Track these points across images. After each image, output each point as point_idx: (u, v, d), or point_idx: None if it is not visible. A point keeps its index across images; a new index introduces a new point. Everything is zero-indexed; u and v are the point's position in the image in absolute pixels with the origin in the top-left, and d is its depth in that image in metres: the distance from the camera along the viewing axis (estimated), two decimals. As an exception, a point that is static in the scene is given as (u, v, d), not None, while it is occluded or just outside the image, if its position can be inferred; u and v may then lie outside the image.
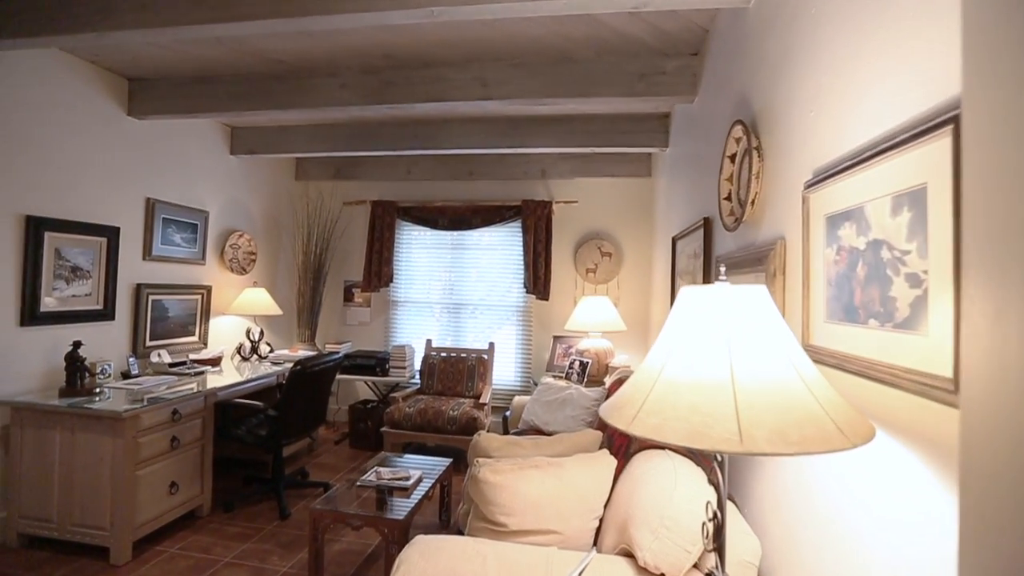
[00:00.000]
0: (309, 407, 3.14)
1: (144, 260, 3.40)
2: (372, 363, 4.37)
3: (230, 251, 4.14)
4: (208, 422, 2.97)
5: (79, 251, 2.97)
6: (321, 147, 4.02)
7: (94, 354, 3.05)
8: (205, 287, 3.91)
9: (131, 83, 3.25)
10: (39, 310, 2.77)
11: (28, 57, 2.69)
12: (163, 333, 3.55)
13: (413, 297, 5.00)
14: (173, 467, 2.73)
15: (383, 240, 4.82)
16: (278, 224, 4.83)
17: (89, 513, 2.50)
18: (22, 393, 2.69)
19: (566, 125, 3.74)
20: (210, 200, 3.97)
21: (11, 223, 2.65)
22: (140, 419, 2.52)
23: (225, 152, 4.12)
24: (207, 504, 2.99)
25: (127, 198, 3.27)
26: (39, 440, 2.56)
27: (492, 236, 4.86)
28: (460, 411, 3.79)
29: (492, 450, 1.64)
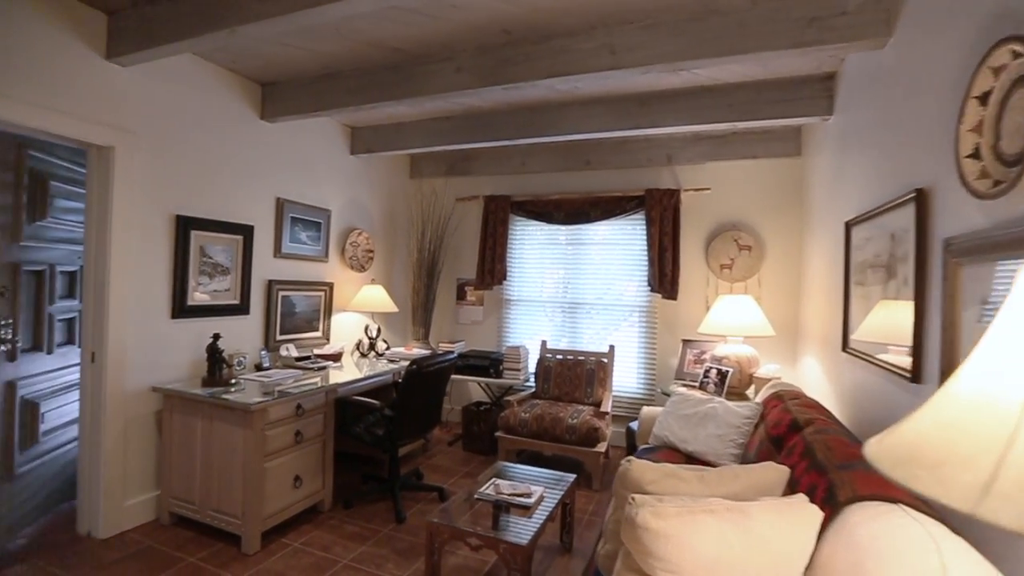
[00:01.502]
0: (424, 408, 3.02)
1: (274, 257, 3.54)
2: (485, 364, 4.21)
3: (350, 249, 4.23)
4: (329, 418, 2.97)
5: (220, 248, 3.13)
6: (435, 141, 3.95)
7: (231, 346, 3.21)
8: (328, 284, 4.01)
9: (264, 88, 3.39)
10: (187, 303, 2.95)
11: (175, 66, 2.87)
12: (291, 328, 3.68)
13: (526, 295, 4.79)
14: (297, 461, 2.75)
15: (496, 236, 4.66)
16: (394, 222, 4.88)
17: (224, 500, 2.58)
18: (172, 381, 2.87)
19: (702, 99, 3.26)
20: (332, 199, 4.08)
21: (165, 223, 2.83)
22: (268, 412, 2.55)
23: (346, 152, 4.21)
24: (328, 499, 2.99)
25: (260, 198, 3.42)
26: (185, 426, 2.71)
27: (611, 230, 4.48)
28: (580, 419, 3.47)
29: (647, 483, 1.31)
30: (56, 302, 2.79)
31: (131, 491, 2.73)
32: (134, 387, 2.71)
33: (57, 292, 2.80)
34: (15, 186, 2.46)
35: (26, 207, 2.53)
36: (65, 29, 2.38)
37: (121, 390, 2.65)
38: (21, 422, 2.59)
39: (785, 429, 1.95)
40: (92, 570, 2.34)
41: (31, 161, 2.55)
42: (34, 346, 2.66)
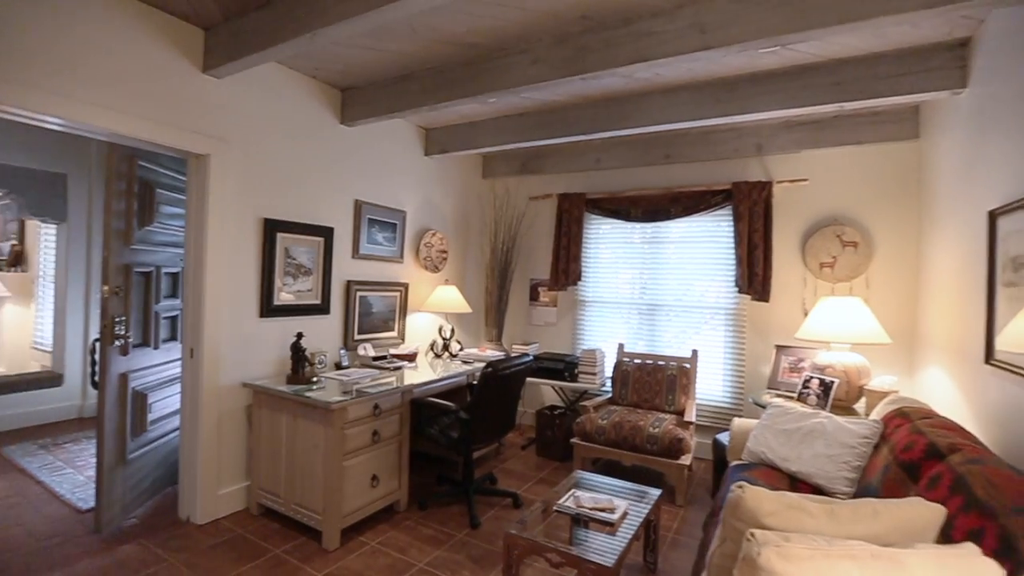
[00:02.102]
0: (499, 411, 2.94)
1: (353, 258, 3.62)
2: (559, 367, 4.08)
3: (424, 249, 4.26)
4: (405, 418, 2.97)
5: (303, 250, 3.24)
6: (508, 139, 3.87)
7: (313, 345, 3.32)
8: (403, 284, 4.06)
9: (343, 93, 3.48)
10: (273, 303, 3.07)
11: (263, 76, 2.99)
12: (368, 328, 3.75)
13: (602, 296, 4.60)
14: (374, 461, 2.77)
15: (570, 235, 4.52)
16: (467, 222, 4.88)
17: (307, 495, 2.64)
18: (260, 377, 3.00)
19: (802, 78, 2.93)
20: (407, 200, 4.12)
21: (254, 225, 2.96)
22: (347, 411, 2.58)
23: (420, 153, 4.25)
24: (404, 500, 2.99)
25: (339, 200, 3.51)
26: (272, 421, 2.81)
27: (693, 227, 4.19)
28: (662, 429, 3.25)
29: (764, 514, 1.13)
30: (161, 301, 3.00)
31: (224, 481, 2.87)
32: (227, 382, 2.85)
33: (162, 292, 3.01)
34: (127, 194, 2.66)
35: (136, 213, 2.74)
36: (169, 47, 2.54)
37: (216, 385, 2.79)
38: (132, 411, 2.80)
39: (921, 454, 1.66)
40: (191, 555, 2.47)
41: (140, 171, 2.75)
42: (143, 341, 2.87)
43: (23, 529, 2.70)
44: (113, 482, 2.66)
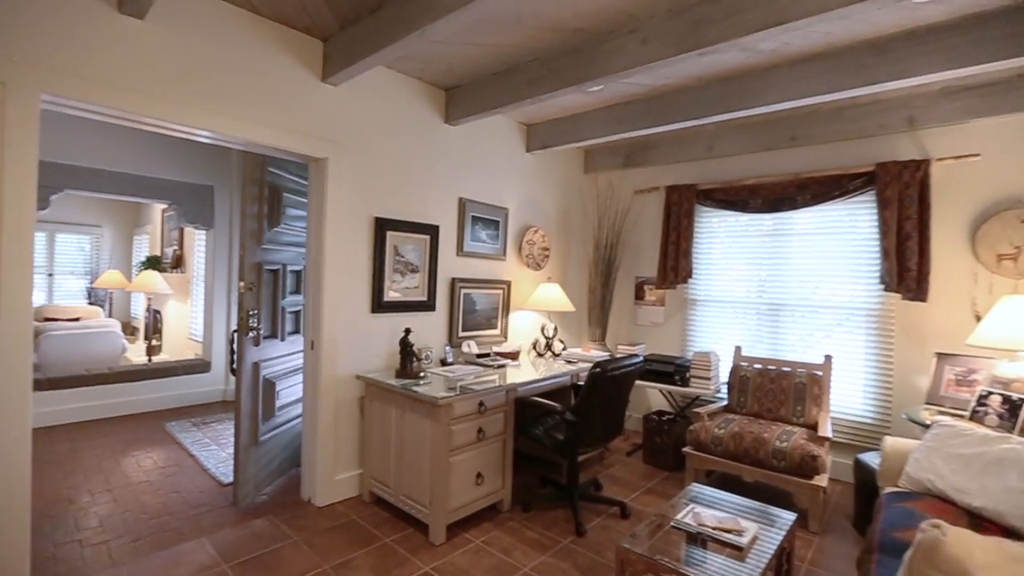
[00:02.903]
0: (607, 414, 2.79)
1: (457, 256, 3.67)
2: (669, 370, 3.81)
3: (526, 247, 4.21)
4: (509, 417, 2.92)
5: (411, 247, 3.33)
6: (613, 129, 3.69)
7: (419, 341, 3.40)
8: (506, 282, 4.04)
9: (448, 92, 3.53)
10: (383, 299, 3.19)
11: (374, 80, 3.11)
12: (472, 325, 3.78)
13: (715, 295, 4.24)
14: (479, 458, 2.75)
15: (680, 230, 4.22)
16: (569, 219, 4.76)
17: (414, 488, 2.69)
18: (371, 371, 3.12)
19: (972, 32, 2.43)
20: (509, 197, 4.10)
21: (366, 225, 3.09)
22: (453, 407, 2.58)
23: (521, 149, 4.21)
24: (507, 499, 2.95)
25: (444, 198, 3.56)
26: (382, 413, 2.90)
27: (824, 216, 3.70)
28: (791, 443, 2.88)
29: (977, 567, 0.88)
30: (287, 297, 3.24)
31: (340, 467, 3.03)
32: (343, 374, 3.00)
33: (288, 288, 3.25)
34: (259, 198, 2.90)
35: (266, 215, 2.98)
36: (293, 60, 2.72)
37: (333, 375, 2.95)
38: (263, 397, 3.05)
39: None
40: (311, 535, 2.62)
41: (270, 176, 2.99)
42: (271, 334, 3.12)
43: (179, 496, 3.05)
44: (247, 461, 2.92)
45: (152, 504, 2.94)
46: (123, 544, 2.50)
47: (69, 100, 2.07)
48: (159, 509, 2.88)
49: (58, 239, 8.17)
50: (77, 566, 2.32)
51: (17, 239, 1.95)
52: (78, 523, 2.70)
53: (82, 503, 2.94)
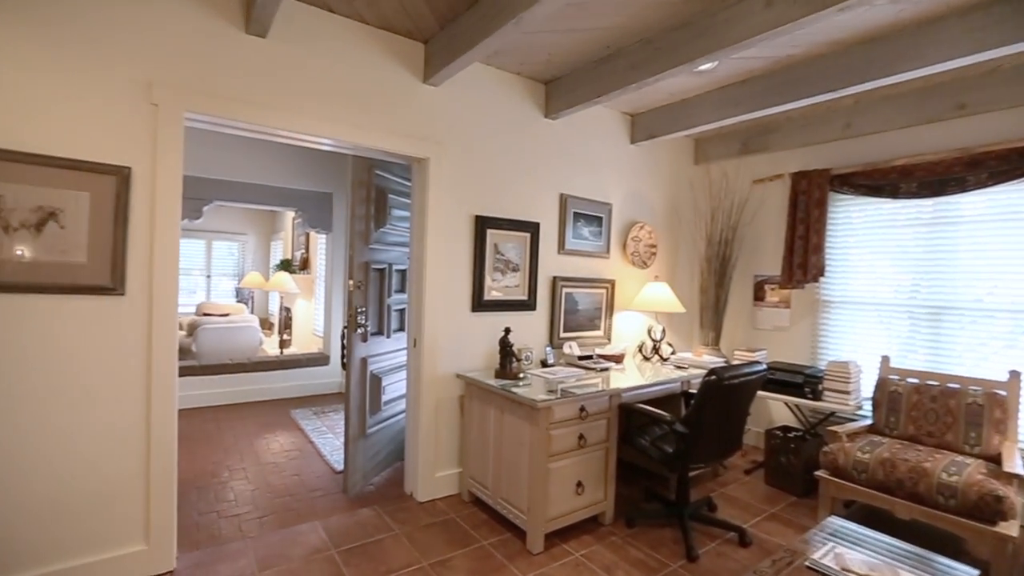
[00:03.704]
0: (723, 428, 2.50)
1: (558, 254, 3.55)
2: (797, 381, 3.36)
3: (631, 244, 3.98)
4: (612, 424, 2.74)
5: (511, 245, 3.28)
6: (728, 112, 3.33)
7: (519, 341, 3.33)
8: (609, 281, 3.85)
9: (547, 86, 3.43)
10: (484, 298, 3.17)
11: (473, 78, 3.10)
12: (573, 326, 3.64)
13: (853, 295, 3.67)
14: (580, 466, 2.60)
15: (809, 221, 3.72)
16: (678, 214, 4.42)
17: (512, 492, 2.62)
18: (471, 370, 3.12)
19: None
20: (613, 192, 3.90)
21: (466, 223, 3.10)
22: (553, 411, 2.47)
23: (625, 142, 3.98)
24: (609, 512, 2.77)
25: (544, 195, 3.47)
26: (481, 414, 2.88)
27: (1004, 199, 3.02)
28: (964, 477, 2.36)
29: None
30: (392, 295, 3.36)
31: (441, 464, 3.06)
32: (443, 372, 3.03)
33: (393, 287, 3.36)
34: (367, 199, 3.03)
35: (373, 216, 3.10)
36: (397, 64, 2.80)
37: (434, 373, 2.99)
38: (370, 391, 3.18)
39: None
40: (412, 529, 2.66)
41: (376, 179, 3.11)
42: (378, 330, 3.24)
43: (299, 479, 3.29)
44: (356, 451, 3.05)
45: (276, 484, 3.19)
46: (252, 519, 2.73)
47: (206, 116, 2.29)
48: (282, 489, 3.12)
49: (214, 246, 9.44)
50: (214, 534, 2.57)
51: (166, 241, 2.19)
52: (217, 495, 3.01)
53: (222, 477, 3.28)
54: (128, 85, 2.10)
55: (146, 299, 2.16)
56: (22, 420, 1.95)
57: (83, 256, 2.03)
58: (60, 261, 1.99)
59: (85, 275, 2.03)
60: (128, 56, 2.10)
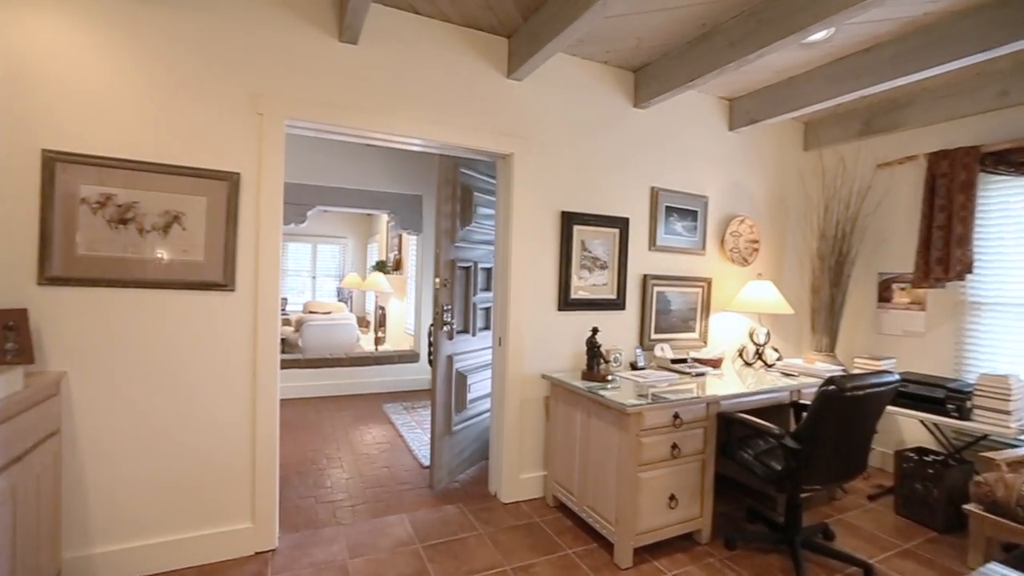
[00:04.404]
0: (844, 445, 2.18)
1: (649, 250, 3.35)
2: (938, 396, 2.88)
3: (730, 239, 3.66)
4: (710, 434, 2.51)
5: (598, 242, 3.15)
6: (847, 87, 2.94)
7: (607, 341, 3.18)
8: (705, 279, 3.57)
9: (636, 74, 3.25)
10: (570, 297, 3.06)
11: (557, 70, 3.01)
12: (665, 327, 3.41)
13: (1012, 296, 3.08)
14: (673, 477, 2.41)
15: (951, 209, 3.18)
16: (783, 205, 4.01)
17: (599, 500, 2.49)
18: (556, 370, 3.02)
19: None
20: (709, 184, 3.61)
21: (552, 219, 3.01)
22: (644, 417, 2.31)
23: (723, 129, 3.67)
24: (706, 530, 2.53)
25: (634, 189, 3.29)
26: (567, 416, 2.77)
27: None
28: None
29: None
30: (478, 293, 3.36)
31: (525, 466, 3.00)
32: (528, 371, 2.97)
33: (479, 285, 3.36)
34: (452, 198, 3.05)
35: (459, 214, 3.11)
36: (481, 60, 2.78)
37: (520, 373, 2.93)
38: (456, 389, 3.20)
39: None
40: (495, 530, 2.62)
41: (462, 177, 3.12)
42: (464, 329, 3.26)
43: (389, 471, 3.39)
44: (442, 448, 3.08)
45: (368, 475, 3.32)
46: (345, 507, 2.85)
47: (304, 123, 2.41)
48: (373, 480, 3.23)
49: (318, 249, 10.20)
50: (312, 518, 2.70)
51: (270, 240, 2.34)
52: (316, 481, 3.19)
53: (320, 464, 3.47)
54: (238, 97, 2.26)
55: (252, 295, 2.32)
56: (156, 404, 2.17)
57: (201, 255, 2.21)
58: (184, 260, 2.19)
59: (203, 272, 2.22)
60: (237, 71, 2.26)
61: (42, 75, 1.98)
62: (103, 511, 2.11)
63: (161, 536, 2.20)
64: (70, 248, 2.02)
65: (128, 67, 2.09)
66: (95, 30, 2.04)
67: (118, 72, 2.08)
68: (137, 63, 2.10)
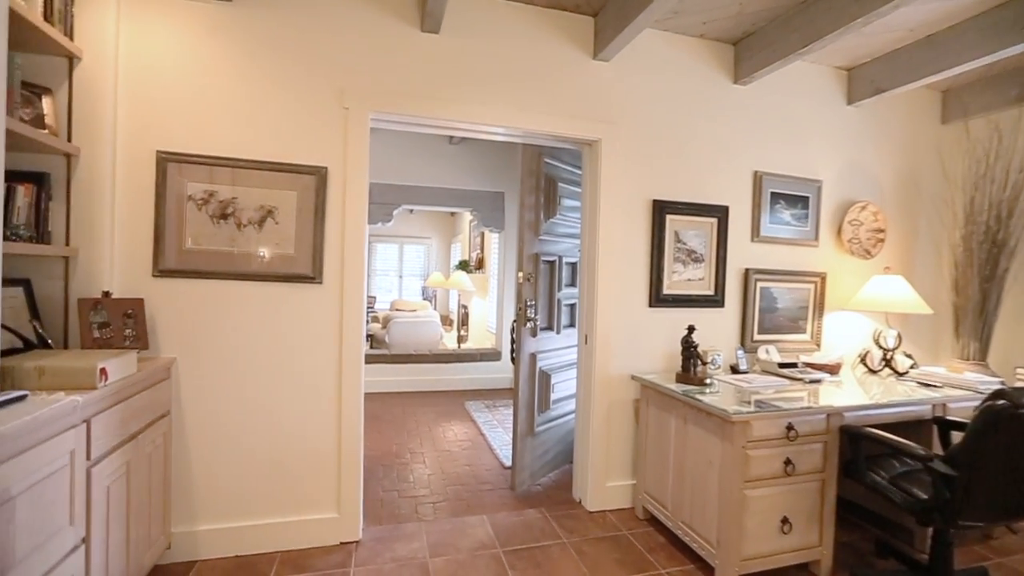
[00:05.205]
0: (1016, 476, 1.76)
1: (752, 242, 3.02)
2: None
3: (849, 228, 3.21)
4: (831, 450, 2.17)
5: (693, 233, 2.88)
6: (1010, 40, 2.43)
7: (704, 341, 2.91)
8: (818, 274, 3.15)
9: (736, 47, 2.93)
10: (663, 292, 2.83)
11: (647, 48, 2.79)
12: (770, 327, 3.06)
13: None
14: (785, 498, 2.10)
15: None
16: (917, 188, 3.46)
17: (697, 517, 2.24)
18: (647, 371, 2.80)
19: None
20: (823, 166, 3.19)
21: (642, 209, 2.79)
22: (750, 427, 2.03)
23: (840, 103, 3.23)
24: (826, 562, 2.19)
25: (734, 174, 2.97)
26: (659, 421, 2.55)
27: None
28: None
29: None
30: (562, 289, 3.21)
31: (613, 474, 2.80)
32: (616, 372, 2.77)
33: (563, 280, 3.21)
34: (536, 189, 2.93)
35: (543, 206, 2.99)
36: (565, 42, 2.64)
37: (607, 374, 2.75)
38: (539, 388, 3.08)
39: None
40: (580, 540, 2.45)
41: (546, 167, 2.99)
42: (547, 325, 3.12)
43: (470, 469, 3.34)
44: (524, 449, 2.97)
45: (450, 472, 3.29)
46: (427, 503, 2.83)
47: (388, 115, 2.41)
48: (454, 478, 3.19)
49: (405, 249, 10.59)
50: (394, 512, 2.71)
51: (355, 233, 2.35)
52: (399, 475, 3.21)
53: (404, 458, 3.51)
54: (325, 93, 2.30)
55: (338, 287, 2.35)
56: (251, 392, 2.26)
57: (291, 248, 2.27)
58: (277, 253, 2.26)
59: (293, 265, 2.28)
60: (325, 67, 2.30)
61: (157, 82, 2.12)
62: (206, 491, 2.23)
63: (254, 519, 2.28)
64: (180, 242, 2.15)
65: (229, 70, 2.19)
66: (200, 37, 2.16)
67: (220, 75, 2.18)
68: (237, 66, 2.20)
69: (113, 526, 1.68)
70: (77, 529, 1.48)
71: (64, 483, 1.41)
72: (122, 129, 2.08)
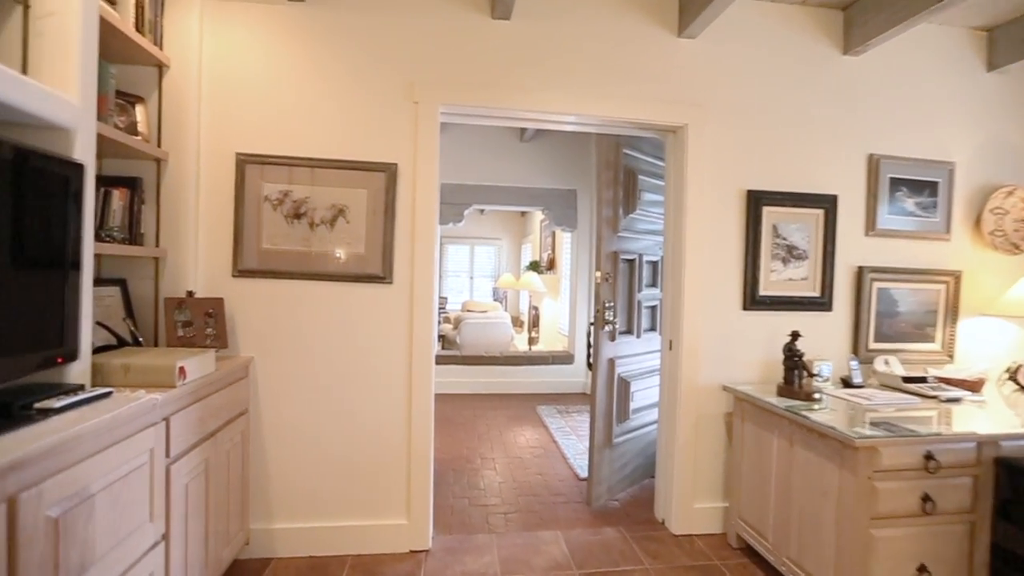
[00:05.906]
0: None
1: (866, 236, 2.62)
2: None
3: (991, 219, 2.71)
4: (984, 486, 1.79)
5: (795, 227, 2.54)
6: None
7: (809, 350, 2.55)
8: (951, 273, 2.69)
9: (846, 12, 2.56)
10: (759, 293, 2.52)
11: (739, 22, 2.50)
12: (890, 334, 2.64)
13: None
14: (923, 542, 1.76)
15: None
16: (1081, 170, 2.87)
17: (806, 554, 1.93)
18: (742, 382, 2.51)
19: None
20: (955, 146, 2.72)
21: (735, 200, 2.51)
22: (878, 453, 1.71)
23: (978, 70, 2.74)
24: (976, 619, 1.81)
25: (843, 158, 2.60)
26: (757, 439, 2.25)
27: None
28: None
29: None
30: (643, 290, 2.97)
31: (700, 494, 2.53)
32: (705, 382, 2.50)
33: (644, 280, 2.98)
34: (614, 182, 2.72)
35: (621, 201, 2.77)
36: (645, 18, 2.42)
37: (694, 383, 2.49)
38: (618, 397, 2.86)
39: None
40: (665, 568, 2.22)
41: (624, 159, 2.78)
42: (627, 329, 2.90)
43: (542, 479, 3.19)
44: (601, 460, 2.77)
45: (521, 480, 3.15)
46: (498, 514, 2.70)
47: (458, 107, 2.31)
48: (526, 487, 3.05)
49: (475, 250, 10.65)
50: (464, 520, 2.61)
51: (425, 232, 2.28)
52: (470, 482, 3.12)
53: (475, 464, 3.42)
54: (394, 87, 2.25)
55: (408, 287, 2.28)
56: (323, 393, 2.25)
57: (362, 247, 2.23)
58: (348, 252, 2.23)
59: (364, 265, 2.24)
60: (395, 62, 2.25)
61: (235, 85, 2.16)
62: (282, 489, 2.24)
63: (327, 520, 2.26)
64: (257, 242, 2.18)
65: (301, 69, 2.19)
66: (274, 37, 2.18)
67: (293, 74, 2.19)
68: (309, 65, 2.19)
69: (192, 523, 1.69)
70: (157, 526, 1.49)
71: (144, 480, 1.42)
72: (205, 133, 2.14)
